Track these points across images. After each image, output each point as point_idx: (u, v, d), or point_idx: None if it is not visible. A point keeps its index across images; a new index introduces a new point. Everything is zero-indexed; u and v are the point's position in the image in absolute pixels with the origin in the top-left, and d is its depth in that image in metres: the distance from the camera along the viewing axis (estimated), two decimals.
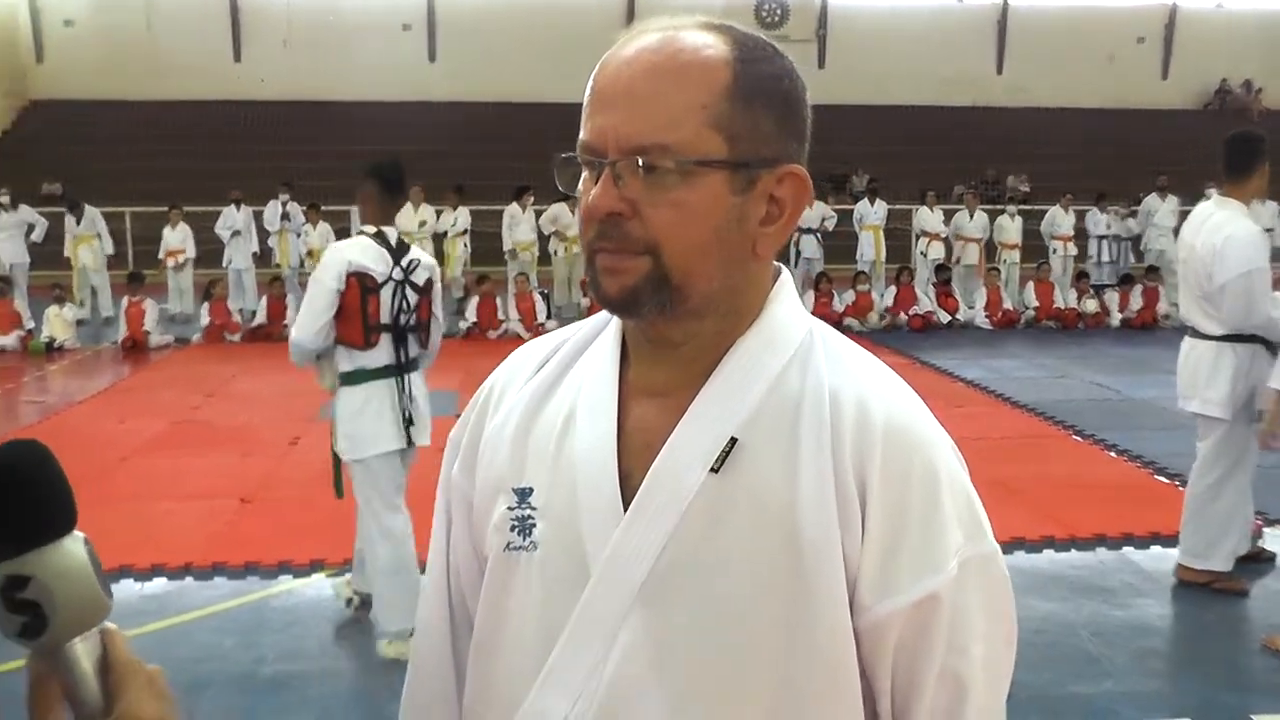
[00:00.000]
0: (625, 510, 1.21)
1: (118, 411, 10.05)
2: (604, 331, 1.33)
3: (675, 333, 1.22)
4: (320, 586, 5.73)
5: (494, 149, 25.51)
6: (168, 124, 25.97)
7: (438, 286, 5.12)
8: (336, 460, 5.04)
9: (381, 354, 4.82)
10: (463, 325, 14.25)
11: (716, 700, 1.18)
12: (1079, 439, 8.76)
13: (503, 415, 1.34)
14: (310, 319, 4.74)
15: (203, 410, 10.15)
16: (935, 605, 1.16)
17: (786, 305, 1.26)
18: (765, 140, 1.19)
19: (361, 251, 4.79)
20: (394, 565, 4.90)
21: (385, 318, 4.80)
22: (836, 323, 14.31)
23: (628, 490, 1.21)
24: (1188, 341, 5.58)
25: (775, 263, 1.28)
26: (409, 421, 4.86)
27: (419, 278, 4.93)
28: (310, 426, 8.93)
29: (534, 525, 1.26)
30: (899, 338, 14.04)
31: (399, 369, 4.85)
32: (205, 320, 14.18)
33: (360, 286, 4.72)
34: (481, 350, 13.16)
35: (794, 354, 1.23)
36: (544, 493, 1.26)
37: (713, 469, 1.18)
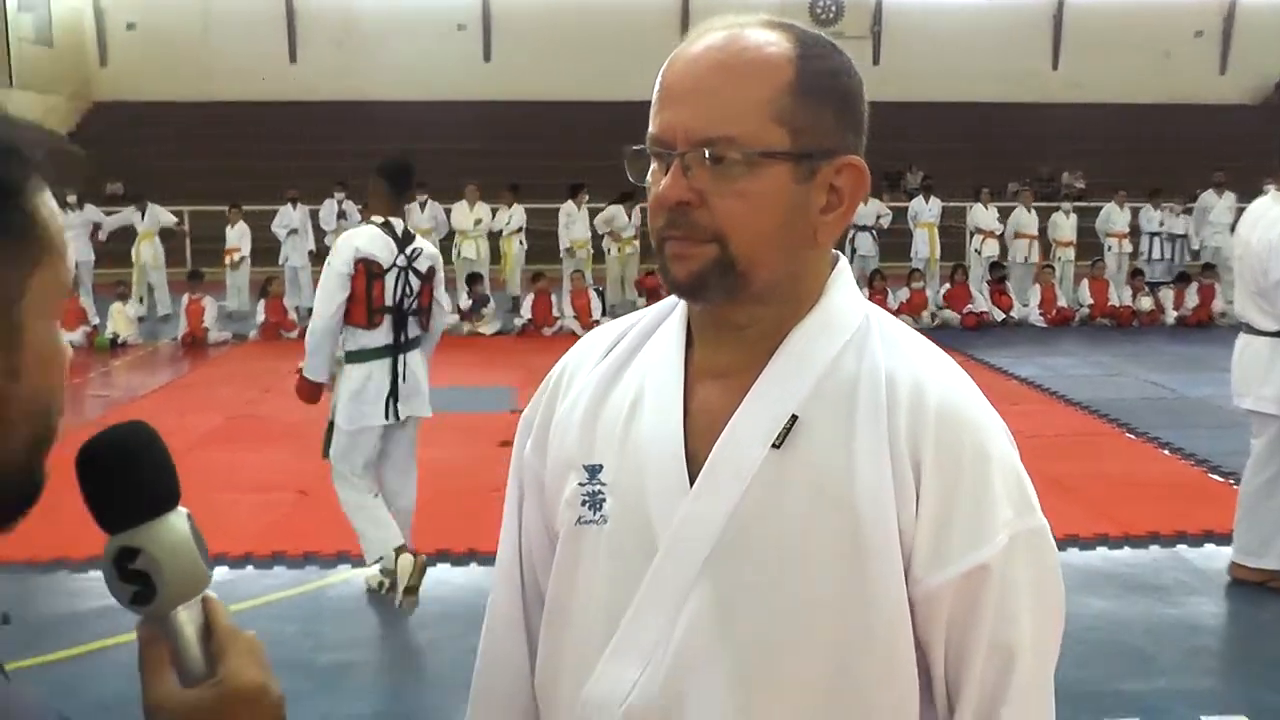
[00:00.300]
0: (691, 486, 1.27)
1: (178, 406, 10.25)
2: (669, 317, 1.39)
3: (739, 316, 1.28)
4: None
5: (549, 148, 25.62)
6: (226, 124, 26.32)
7: (440, 274, 5.54)
8: (330, 426, 5.43)
9: (382, 334, 5.28)
10: (518, 322, 14.38)
11: (779, 666, 1.24)
12: (1133, 437, 8.72)
13: (573, 397, 1.40)
14: (326, 300, 5.22)
15: (259, 405, 10.32)
16: (985, 576, 1.22)
17: (844, 291, 1.32)
18: (825, 133, 1.25)
19: (369, 240, 5.25)
20: (357, 503, 5.38)
21: (389, 301, 5.26)
22: None
23: (693, 467, 1.27)
24: (1243, 338, 5.55)
25: (834, 251, 1.34)
26: (394, 397, 5.26)
27: (421, 265, 5.36)
28: None
29: (604, 500, 1.32)
30: (953, 335, 13.97)
31: (397, 348, 5.28)
32: (261, 317, 14.39)
33: (366, 272, 5.19)
34: (537, 347, 13.26)
35: (851, 337, 1.29)
36: (613, 470, 1.32)
37: (774, 445, 1.24)
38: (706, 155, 1.21)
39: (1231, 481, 6.83)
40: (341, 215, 17.25)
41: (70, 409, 10.61)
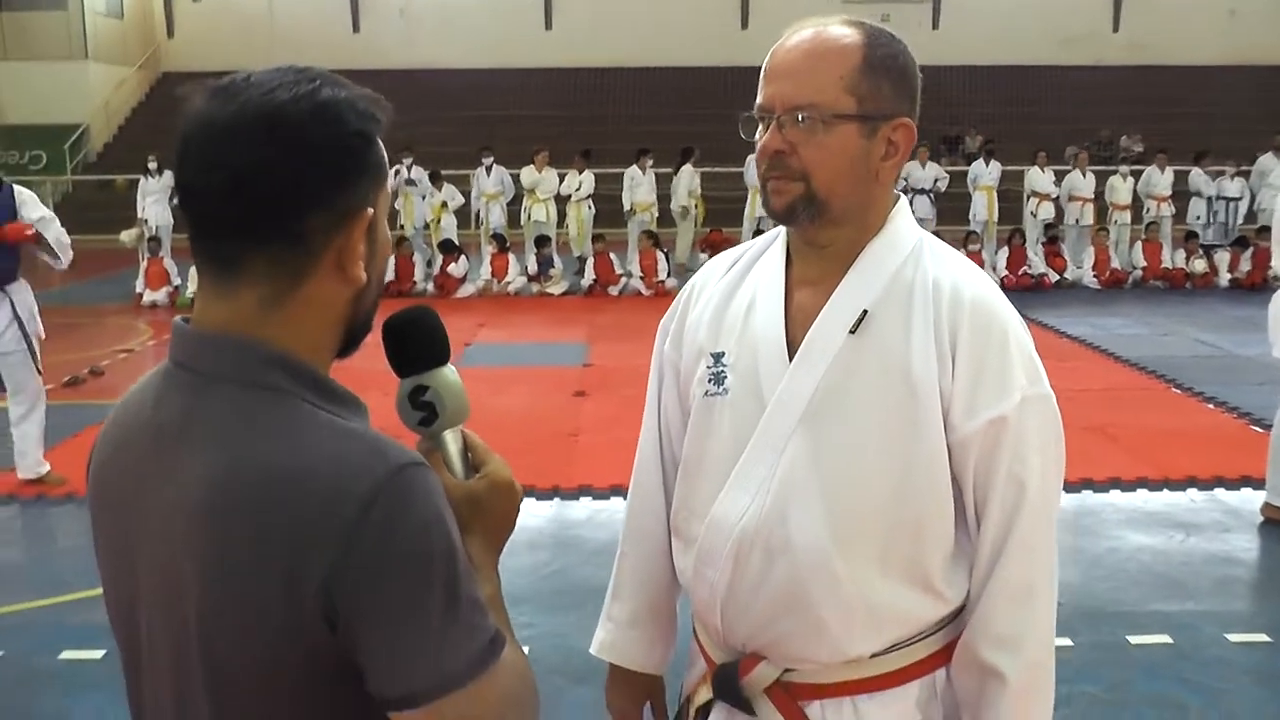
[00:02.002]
0: (790, 362, 1.74)
1: None
2: (774, 243, 1.88)
3: (823, 238, 1.77)
4: None
5: (610, 113, 26.06)
6: None
7: None
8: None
9: None
10: (584, 283, 14.89)
11: (855, 490, 1.71)
12: (1179, 391, 9.03)
13: (702, 304, 1.90)
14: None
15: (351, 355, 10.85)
16: (1003, 425, 1.68)
17: (903, 219, 1.80)
18: (885, 101, 1.72)
19: None
20: None
21: None
22: None
23: (792, 350, 1.76)
24: None
25: (896, 191, 1.81)
26: None
27: None
28: None
29: (726, 377, 1.81)
30: (1009, 296, 14.13)
31: None
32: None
33: None
34: (602, 306, 13.76)
35: (909, 253, 1.76)
36: (733, 354, 1.81)
37: (851, 332, 1.72)
38: (798, 118, 1.69)
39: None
40: (410, 182, 17.65)
41: (154, 363, 11.23)
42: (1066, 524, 6.05)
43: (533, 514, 6.31)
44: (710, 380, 1.82)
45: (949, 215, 17.65)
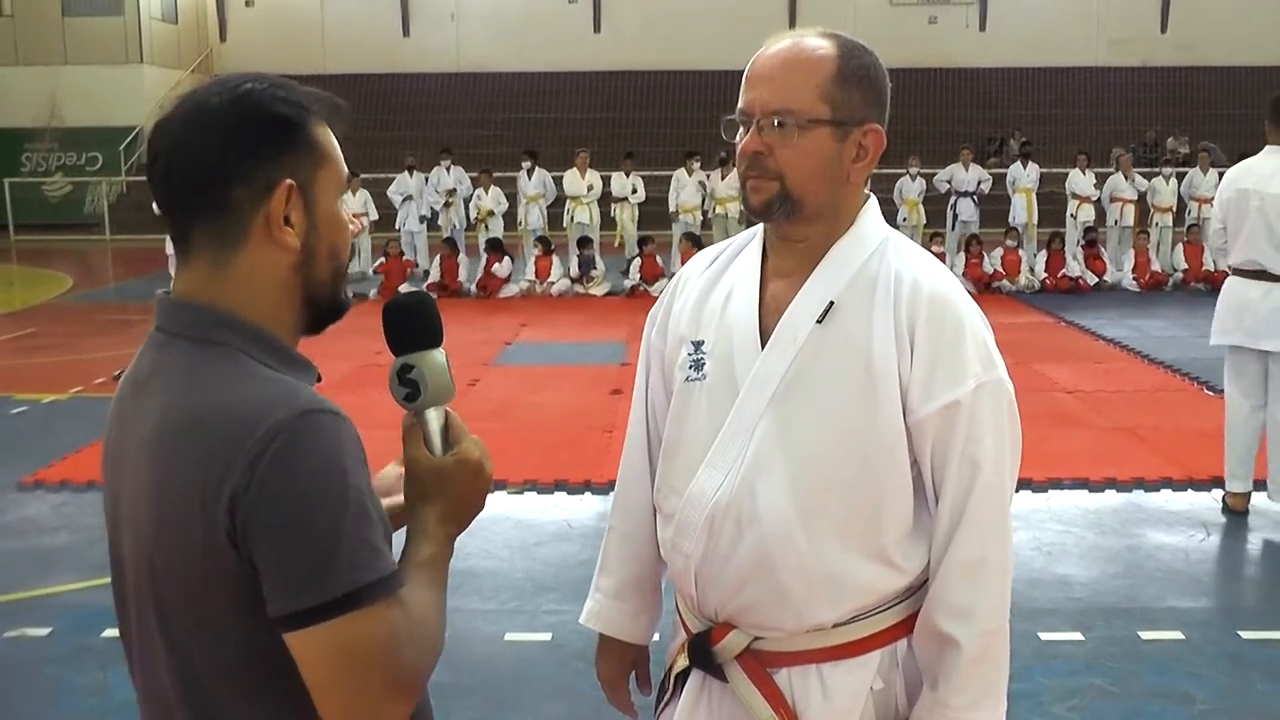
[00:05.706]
0: (762, 349, 1.88)
1: (310, 354, 11.02)
2: (753, 239, 2.02)
3: (796, 233, 1.91)
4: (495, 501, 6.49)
5: (657, 116, 26.21)
6: (340, 97, 27.19)
7: None
8: None
9: None
10: (627, 284, 15.05)
11: (818, 468, 1.84)
12: (1210, 393, 8.99)
13: (685, 295, 2.04)
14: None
15: (385, 355, 10.86)
16: (957, 409, 1.81)
17: (871, 218, 1.93)
18: (856, 108, 1.85)
19: None
20: None
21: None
22: (986, 284, 14.62)
23: (764, 337, 1.89)
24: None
25: (867, 191, 1.95)
26: None
27: None
28: (488, 370, 9.82)
29: (704, 363, 1.95)
30: (1047, 298, 14.30)
31: None
32: (382, 276, 15.06)
33: None
34: (644, 306, 13.73)
35: (875, 249, 1.90)
36: (711, 342, 1.95)
37: (818, 321, 1.86)
38: (775, 122, 1.82)
39: None
40: (449, 190, 17.73)
41: None
42: (1087, 522, 6.13)
43: (564, 507, 6.47)
44: (690, 366, 1.96)
45: (992, 218, 17.64)
